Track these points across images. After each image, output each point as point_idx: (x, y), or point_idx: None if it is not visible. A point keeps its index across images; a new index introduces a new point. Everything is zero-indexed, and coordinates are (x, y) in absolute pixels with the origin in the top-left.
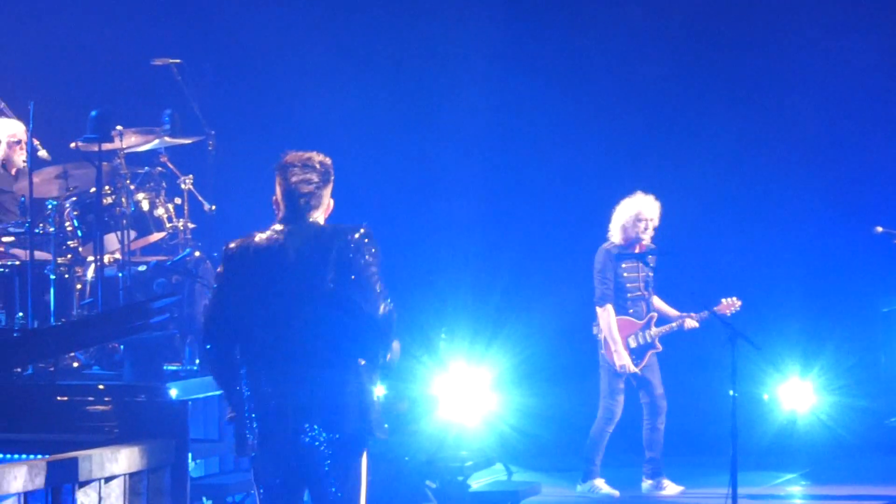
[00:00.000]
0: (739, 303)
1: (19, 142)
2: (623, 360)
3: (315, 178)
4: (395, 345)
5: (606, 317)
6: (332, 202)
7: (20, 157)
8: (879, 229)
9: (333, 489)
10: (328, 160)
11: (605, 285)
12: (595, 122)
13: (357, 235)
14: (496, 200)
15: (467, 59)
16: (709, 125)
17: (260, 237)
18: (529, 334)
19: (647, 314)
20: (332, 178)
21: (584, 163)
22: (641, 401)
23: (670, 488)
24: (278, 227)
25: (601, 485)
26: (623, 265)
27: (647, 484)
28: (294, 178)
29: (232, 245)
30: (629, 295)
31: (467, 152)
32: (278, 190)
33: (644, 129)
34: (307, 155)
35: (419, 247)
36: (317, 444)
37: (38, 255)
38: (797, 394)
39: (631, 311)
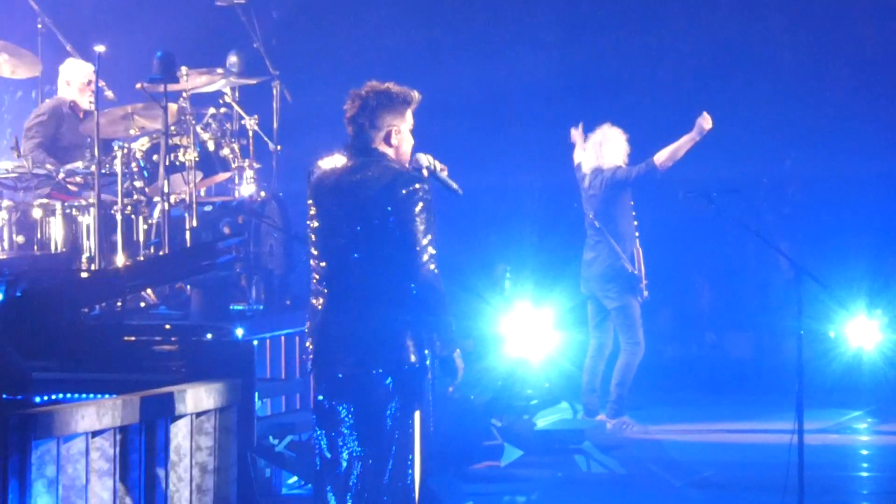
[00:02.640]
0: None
1: (88, 83)
2: (645, 290)
3: (356, 105)
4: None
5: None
6: (401, 133)
7: (88, 99)
8: None
9: (388, 421)
10: (382, 86)
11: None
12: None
13: (409, 190)
14: (563, 139)
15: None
16: (771, 59)
17: (328, 169)
18: None
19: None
20: (390, 103)
21: (651, 102)
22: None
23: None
24: (344, 159)
25: (630, 420)
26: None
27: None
28: (347, 109)
29: (312, 177)
30: (636, 224)
31: (535, 90)
32: None
33: (707, 55)
34: (365, 86)
35: (486, 186)
36: (364, 376)
37: (105, 195)
38: (864, 331)
39: (637, 243)
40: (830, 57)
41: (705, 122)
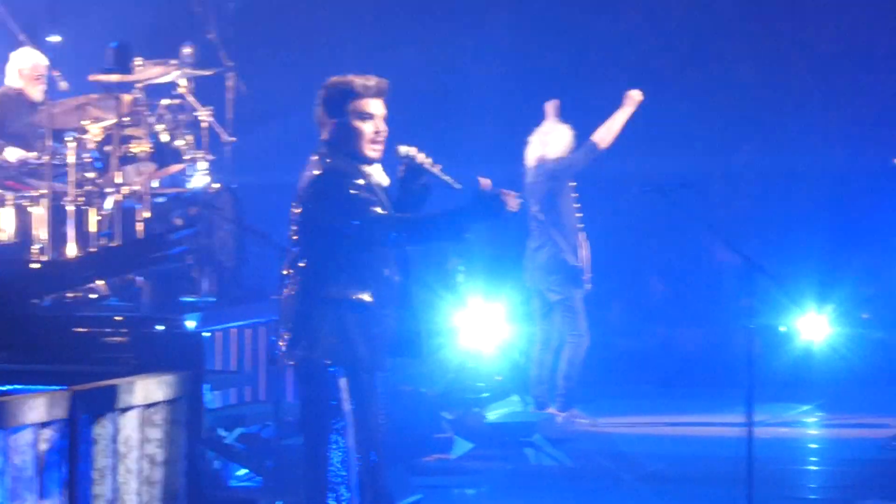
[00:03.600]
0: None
1: (40, 76)
2: (589, 282)
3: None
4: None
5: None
6: (347, 124)
7: (39, 90)
8: None
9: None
10: (330, 79)
11: None
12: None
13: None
14: (515, 132)
15: None
16: (728, 48)
17: None
18: None
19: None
20: (330, 97)
21: (604, 96)
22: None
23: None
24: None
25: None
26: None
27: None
28: None
29: None
30: (579, 216)
31: (489, 83)
32: None
33: (662, 51)
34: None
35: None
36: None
37: (57, 186)
38: (814, 326)
39: (584, 237)
40: (785, 51)
41: (634, 93)
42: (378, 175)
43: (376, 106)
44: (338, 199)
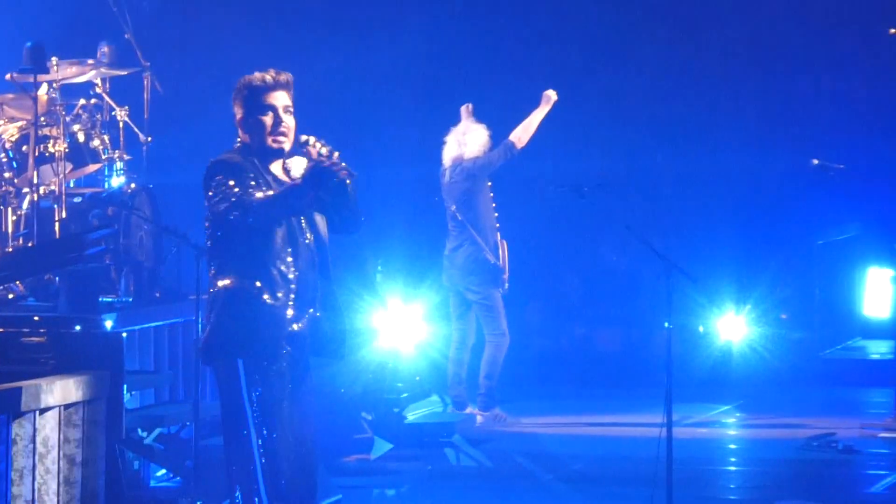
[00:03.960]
0: None
1: None
2: (507, 282)
3: None
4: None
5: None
6: (247, 119)
7: None
8: (816, 161)
9: None
10: (240, 79)
11: None
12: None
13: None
14: (431, 131)
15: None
16: (641, 54)
17: None
18: None
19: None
20: (237, 95)
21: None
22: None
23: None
24: None
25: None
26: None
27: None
28: None
29: None
30: (496, 215)
31: (402, 81)
32: None
33: (578, 51)
34: None
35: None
36: None
37: None
38: (732, 326)
39: (500, 237)
40: (700, 51)
41: (550, 93)
42: (295, 168)
43: (277, 97)
44: (209, 187)
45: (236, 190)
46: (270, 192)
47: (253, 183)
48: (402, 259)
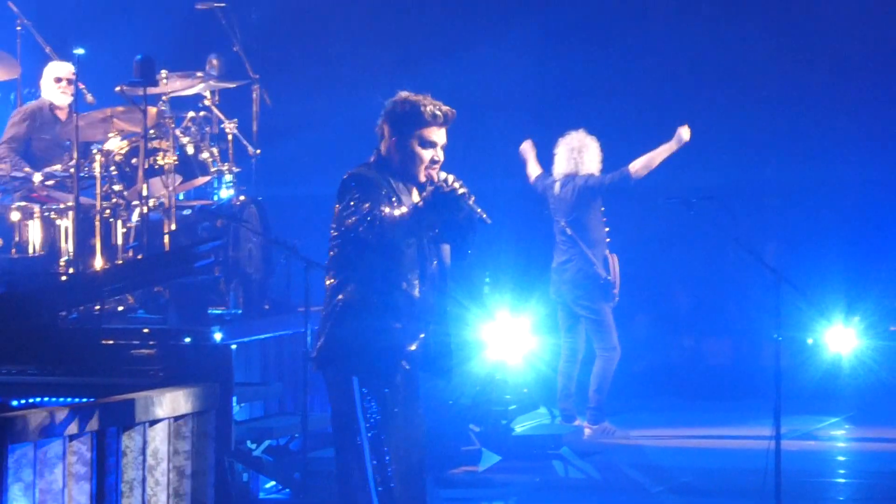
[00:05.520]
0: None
1: (60, 80)
2: (617, 296)
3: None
4: None
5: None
6: (403, 144)
7: (65, 99)
8: None
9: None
10: (402, 96)
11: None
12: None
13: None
14: (541, 143)
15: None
16: (757, 59)
17: None
18: None
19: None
20: (397, 115)
21: (627, 109)
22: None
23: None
24: None
25: (611, 426)
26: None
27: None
28: None
29: None
30: (607, 230)
31: (512, 95)
32: None
33: (689, 63)
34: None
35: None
36: None
37: (83, 199)
38: (841, 338)
39: (609, 250)
40: (811, 61)
41: (684, 132)
42: (413, 196)
43: (440, 135)
44: (346, 207)
45: (367, 205)
46: (401, 210)
47: (391, 200)
48: (511, 271)
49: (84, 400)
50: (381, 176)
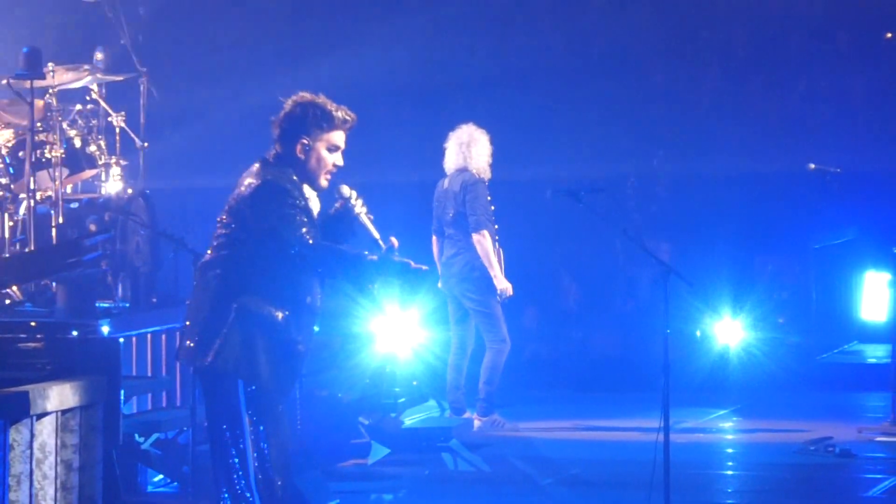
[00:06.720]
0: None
1: None
2: (504, 283)
3: (282, 110)
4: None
5: (486, 243)
6: (311, 148)
7: None
8: (812, 166)
9: None
10: (309, 97)
11: (485, 214)
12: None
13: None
14: (430, 137)
15: None
16: (641, 55)
17: None
18: None
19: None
20: (304, 116)
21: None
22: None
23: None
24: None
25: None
26: (489, 198)
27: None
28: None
29: None
30: (496, 227)
31: (399, 90)
32: None
33: (575, 57)
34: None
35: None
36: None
37: None
38: (730, 330)
39: (497, 244)
40: (698, 56)
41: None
42: (313, 200)
43: (343, 138)
44: (278, 215)
45: (310, 237)
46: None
47: (308, 210)
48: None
49: None
50: (293, 182)
